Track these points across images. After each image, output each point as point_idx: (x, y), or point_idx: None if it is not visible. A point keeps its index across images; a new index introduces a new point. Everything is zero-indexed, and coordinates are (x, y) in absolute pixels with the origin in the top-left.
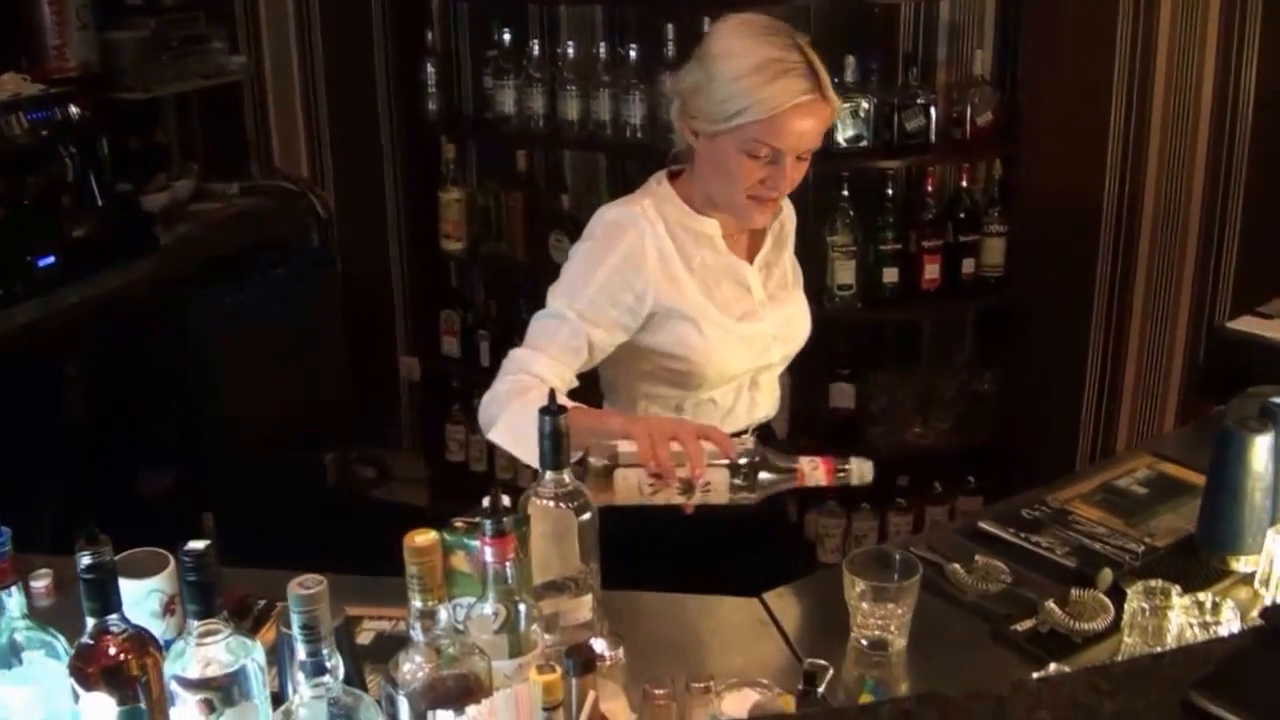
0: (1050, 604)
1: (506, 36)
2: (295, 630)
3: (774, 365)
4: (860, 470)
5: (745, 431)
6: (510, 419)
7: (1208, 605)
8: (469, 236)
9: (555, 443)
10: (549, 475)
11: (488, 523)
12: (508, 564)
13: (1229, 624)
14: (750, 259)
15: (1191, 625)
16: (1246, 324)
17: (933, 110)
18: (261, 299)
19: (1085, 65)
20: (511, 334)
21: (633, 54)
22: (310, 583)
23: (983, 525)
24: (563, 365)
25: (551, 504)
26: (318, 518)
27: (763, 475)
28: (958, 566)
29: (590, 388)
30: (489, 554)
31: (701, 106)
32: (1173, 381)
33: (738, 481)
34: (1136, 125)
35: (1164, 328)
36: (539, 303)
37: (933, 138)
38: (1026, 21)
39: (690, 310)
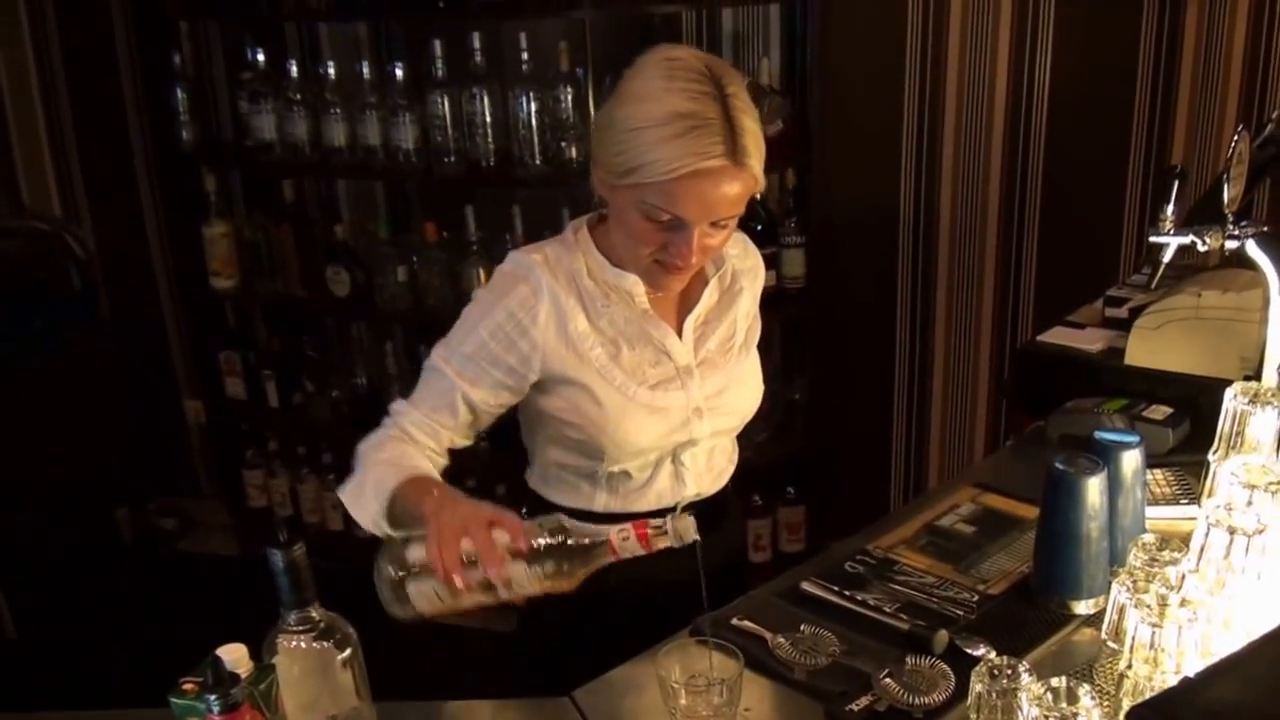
0: (885, 679)
1: (261, 57)
2: None
3: (700, 441)
4: (679, 530)
5: (673, 509)
6: (356, 478)
7: (1062, 691)
8: (240, 273)
9: (292, 578)
10: (294, 615)
11: (212, 699)
12: None
13: (1088, 714)
14: (681, 318)
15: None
16: (1058, 335)
17: None
18: (23, 351)
19: (874, 71)
20: (298, 372)
21: (399, 73)
22: None
23: (805, 587)
24: (435, 424)
25: (306, 644)
26: (119, 580)
27: (569, 556)
28: (783, 640)
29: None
30: None
31: (599, 154)
32: (981, 380)
33: (540, 569)
34: (929, 130)
35: (969, 331)
36: (322, 338)
37: None
38: (812, 28)
39: (585, 376)
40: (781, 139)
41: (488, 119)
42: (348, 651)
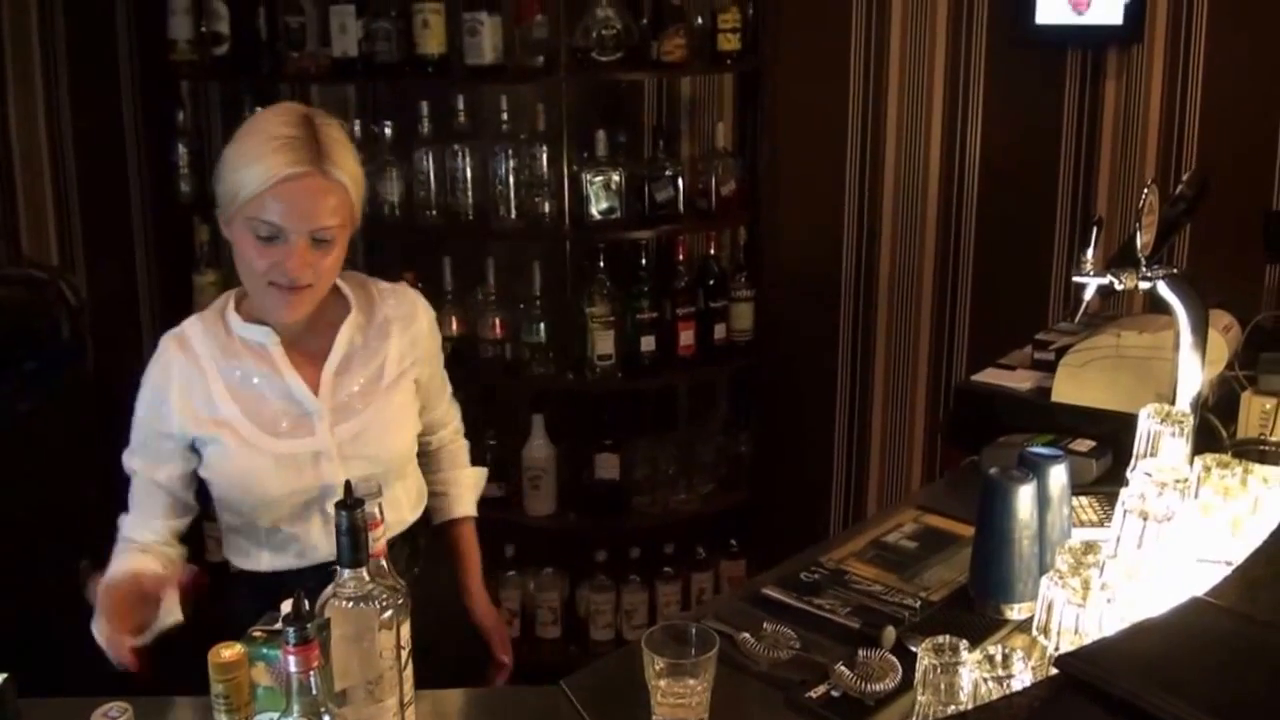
0: (840, 667)
1: None
2: None
3: (340, 488)
4: None
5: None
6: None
7: (998, 658)
8: None
9: (353, 539)
10: (348, 574)
11: (290, 630)
12: (312, 673)
13: (1020, 675)
14: (321, 366)
15: (985, 680)
16: (990, 375)
17: (680, 181)
18: (6, 399)
19: (819, 134)
20: None
21: (388, 131)
22: (115, 711)
23: (766, 591)
24: (148, 520)
25: (351, 605)
26: (79, 638)
27: None
28: (747, 635)
29: None
30: (293, 664)
31: (218, 193)
32: (917, 434)
33: None
34: (870, 191)
35: (905, 384)
36: None
37: (681, 208)
38: (762, 95)
39: (219, 434)
40: (734, 197)
41: (468, 175)
42: (388, 614)
